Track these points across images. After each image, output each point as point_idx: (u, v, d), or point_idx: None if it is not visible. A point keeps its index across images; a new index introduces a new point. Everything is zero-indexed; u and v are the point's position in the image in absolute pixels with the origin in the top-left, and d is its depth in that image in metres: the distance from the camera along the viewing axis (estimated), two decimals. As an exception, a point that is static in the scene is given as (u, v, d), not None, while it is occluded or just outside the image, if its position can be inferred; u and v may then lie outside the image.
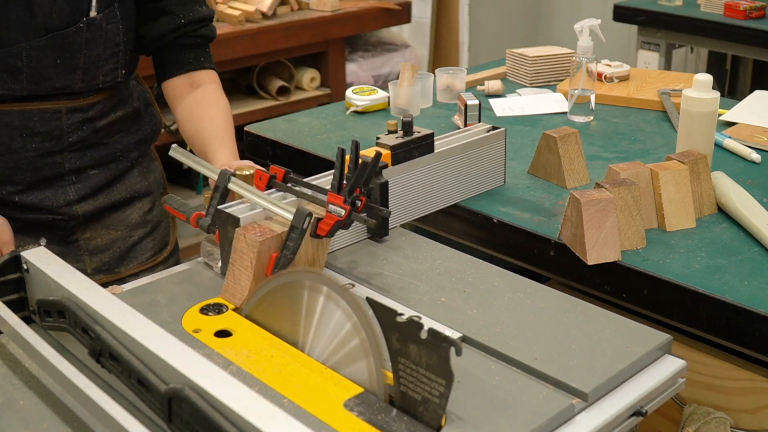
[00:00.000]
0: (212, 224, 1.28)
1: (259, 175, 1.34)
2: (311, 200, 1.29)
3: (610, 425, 1.00)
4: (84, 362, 1.06)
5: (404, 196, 1.48)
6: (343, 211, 1.22)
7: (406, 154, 1.46)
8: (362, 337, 0.99)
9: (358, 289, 1.26)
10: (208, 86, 1.63)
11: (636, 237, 1.44)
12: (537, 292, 1.24)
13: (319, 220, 1.23)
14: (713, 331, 1.32)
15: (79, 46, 1.46)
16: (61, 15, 1.43)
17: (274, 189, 1.33)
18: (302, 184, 1.33)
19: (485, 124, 1.65)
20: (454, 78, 2.21)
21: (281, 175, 1.33)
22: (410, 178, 1.48)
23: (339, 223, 1.22)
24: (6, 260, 1.16)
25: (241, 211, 1.26)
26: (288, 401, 0.97)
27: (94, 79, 1.51)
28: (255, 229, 1.21)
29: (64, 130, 1.51)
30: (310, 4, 3.53)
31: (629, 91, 2.21)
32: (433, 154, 1.51)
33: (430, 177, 1.52)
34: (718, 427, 1.34)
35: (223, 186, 1.29)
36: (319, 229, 1.22)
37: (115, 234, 1.63)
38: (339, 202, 1.23)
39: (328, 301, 1.04)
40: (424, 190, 1.51)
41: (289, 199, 1.31)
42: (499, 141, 1.63)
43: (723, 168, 1.69)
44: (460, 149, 1.56)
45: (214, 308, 1.19)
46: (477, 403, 0.98)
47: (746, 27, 3.26)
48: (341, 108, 2.21)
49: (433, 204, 1.55)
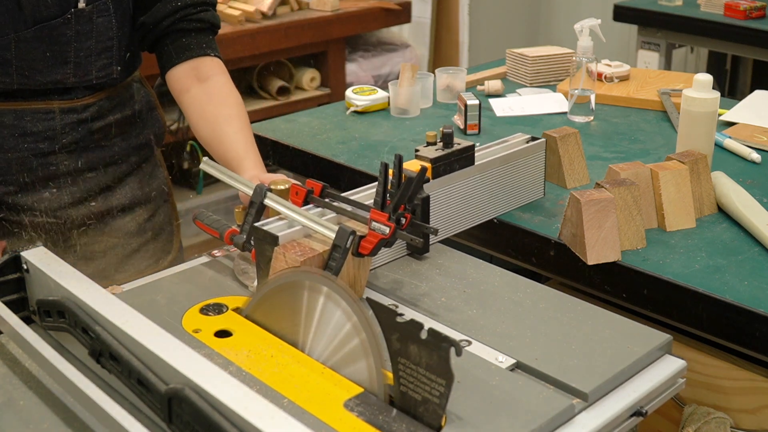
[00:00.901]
0: (248, 242, 1.23)
1: (296, 189, 1.28)
2: (351, 216, 1.23)
3: (610, 425, 1.00)
4: (84, 362, 1.06)
5: (445, 211, 1.42)
6: (387, 229, 1.16)
7: (446, 166, 1.40)
8: (362, 337, 0.99)
9: (403, 309, 1.20)
10: (217, 78, 1.55)
11: (636, 237, 1.44)
12: (537, 292, 1.24)
13: (362, 238, 1.17)
14: (713, 331, 1.32)
15: (68, 39, 1.44)
16: (49, 6, 1.41)
17: (311, 204, 1.27)
18: (341, 200, 1.27)
19: (524, 135, 1.59)
20: (454, 78, 2.21)
21: (318, 190, 1.28)
22: (451, 191, 1.42)
23: (383, 242, 1.17)
24: (6, 260, 1.16)
25: (280, 228, 1.20)
26: (288, 401, 0.97)
27: (87, 74, 1.49)
28: (295, 247, 1.16)
29: (57, 130, 1.49)
30: (310, 4, 3.53)
31: (629, 91, 2.21)
32: (474, 167, 1.45)
33: (470, 190, 1.46)
34: (718, 427, 1.34)
35: (258, 202, 1.23)
36: (362, 248, 1.17)
37: (112, 241, 1.60)
38: (383, 219, 1.17)
39: (328, 301, 1.03)
40: (464, 204, 1.46)
41: (329, 215, 1.25)
42: (539, 152, 1.58)
43: (723, 168, 1.69)
44: (500, 161, 1.50)
45: (214, 308, 1.19)
46: (477, 403, 0.98)
47: (746, 27, 3.26)
48: (341, 108, 2.21)
49: (473, 218, 1.49)
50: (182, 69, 1.55)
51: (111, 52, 1.50)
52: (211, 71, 1.56)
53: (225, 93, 1.54)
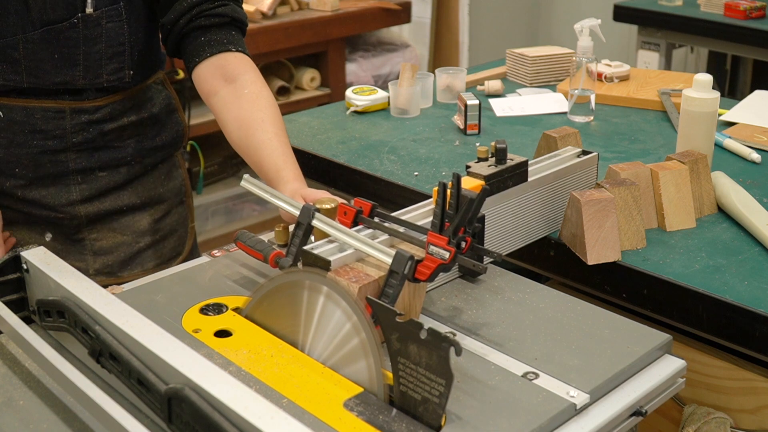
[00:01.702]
0: (294, 265, 1.16)
1: (344, 209, 1.21)
2: (405, 239, 1.16)
3: (610, 425, 1.00)
4: (84, 362, 1.06)
5: (498, 230, 1.36)
6: (447, 253, 1.07)
7: (500, 184, 1.32)
8: (362, 337, 0.99)
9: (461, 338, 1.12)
10: (246, 77, 1.48)
11: (636, 237, 1.44)
12: (537, 292, 1.24)
13: (419, 262, 1.09)
14: (713, 331, 1.32)
15: (76, 42, 1.45)
16: (56, 9, 1.42)
17: (361, 225, 1.20)
18: (392, 220, 1.20)
19: (575, 149, 1.52)
20: (454, 78, 2.21)
21: (368, 210, 1.20)
22: (504, 209, 1.35)
23: (441, 267, 1.08)
24: (6, 260, 1.16)
25: (331, 252, 1.14)
26: (288, 401, 0.97)
27: (97, 77, 1.49)
28: (348, 273, 1.09)
29: (67, 130, 1.50)
30: (310, 4, 3.53)
31: (629, 91, 2.21)
32: (527, 183, 1.38)
33: (523, 208, 1.39)
34: (718, 427, 1.34)
35: (306, 223, 1.17)
36: (419, 273, 1.08)
37: (121, 238, 1.60)
38: (442, 243, 1.08)
39: (327, 301, 1.03)
40: (517, 222, 1.39)
41: (381, 237, 1.17)
42: (591, 166, 1.51)
43: (723, 168, 1.69)
44: (553, 177, 1.43)
45: (214, 308, 1.19)
46: (477, 403, 0.98)
47: (746, 27, 3.26)
48: (341, 108, 2.21)
49: (526, 237, 1.43)
50: (206, 68, 1.49)
51: (123, 56, 1.50)
52: (239, 69, 1.49)
53: (255, 93, 1.46)
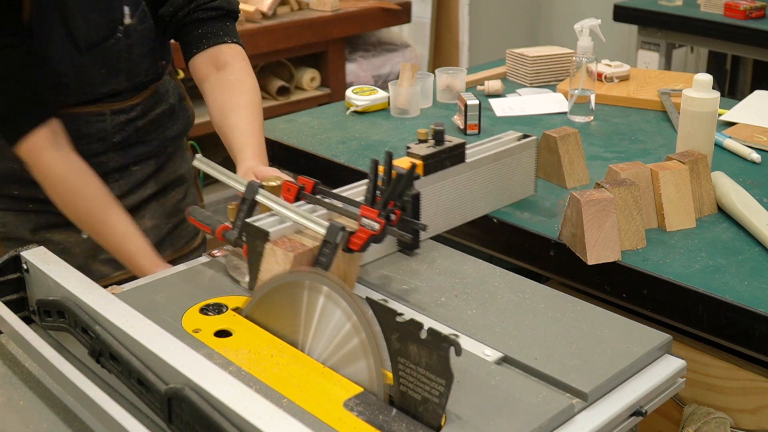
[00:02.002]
0: (239, 237, 1.23)
1: (288, 186, 1.29)
2: (342, 213, 1.24)
3: (610, 425, 1.00)
4: (84, 362, 1.06)
5: (435, 208, 1.43)
6: (377, 225, 1.17)
7: (437, 164, 1.41)
8: (362, 337, 0.99)
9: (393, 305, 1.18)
10: (234, 66, 1.55)
11: (636, 237, 1.44)
12: (537, 292, 1.24)
13: (352, 234, 1.17)
14: (713, 331, 1.32)
15: (119, 53, 1.49)
16: (98, 29, 1.45)
17: (303, 201, 1.28)
18: (332, 196, 1.28)
19: (515, 133, 1.59)
20: (454, 78, 2.21)
21: (310, 187, 1.28)
22: (442, 188, 1.43)
23: (373, 238, 1.17)
24: (6, 260, 1.16)
25: (271, 224, 1.21)
26: (288, 401, 0.97)
27: (137, 77, 1.54)
28: (285, 243, 1.17)
29: (108, 131, 1.54)
30: (310, 4, 3.53)
31: (629, 91, 2.21)
32: (465, 164, 1.46)
33: (461, 187, 1.47)
34: (718, 427, 1.34)
35: (250, 198, 1.24)
36: (352, 244, 1.17)
37: (151, 222, 1.66)
38: (373, 215, 1.18)
39: (327, 301, 1.03)
40: (455, 201, 1.47)
41: (320, 212, 1.26)
42: (530, 150, 1.58)
43: (723, 168, 1.69)
44: (492, 158, 1.51)
45: (214, 308, 1.19)
46: (477, 403, 0.98)
47: (746, 27, 3.26)
48: (341, 108, 2.21)
49: (464, 215, 1.50)
50: (202, 58, 1.56)
51: (155, 52, 1.55)
52: (230, 58, 1.56)
53: (239, 80, 1.54)
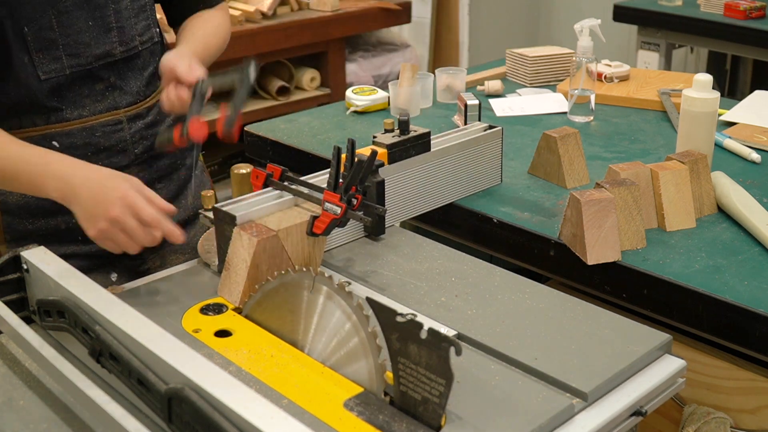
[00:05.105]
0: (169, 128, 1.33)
1: (257, 173, 1.35)
2: (308, 198, 1.30)
3: (610, 425, 1.00)
4: (84, 362, 1.06)
5: (401, 195, 1.48)
6: (339, 209, 1.23)
7: (402, 152, 1.47)
8: (362, 337, 0.99)
9: (355, 287, 1.27)
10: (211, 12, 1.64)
11: (636, 237, 1.44)
12: (537, 292, 1.24)
13: (316, 218, 1.24)
14: (713, 331, 1.32)
15: (105, 2, 1.43)
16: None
17: (270, 187, 1.34)
18: (299, 183, 1.33)
19: (482, 123, 1.65)
20: (454, 78, 2.21)
21: (278, 174, 1.34)
22: (407, 176, 1.49)
23: (335, 221, 1.23)
24: (6, 260, 1.16)
25: (239, 209, 1.27)
26: (288, 401, 0.97)
27: (131, 40, 1.48)
28: (252, 228, 1.22)
29: (128, 141, 1.49)
30: (310, 4, 3.53)
31: (629, 91, 2.21)
32: (430, 153, 1.52)
33: (426, 175, 1.52)
34: (718, 427, 1.34)
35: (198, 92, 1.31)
36: (316, 227, 1.24)
37: (183, 257, 1.55)
38: (335, 200, 1.24)
39: (328, 301, 1.04)
40: (420, 188, 1.52)
41: (286, 197, 1.32)
42: (495, 140, 1.63)
43: (723, 168, 1.69)
44: (457, 148, 1.56)
45: (214, 308, 1.19)
46: (477, 403, 0.98)
47: (746, 27, 3.26)
48: (341, 108, 2.21)
49: (430, 202, 1.56)
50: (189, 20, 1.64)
51: (147, 12, 1.52)
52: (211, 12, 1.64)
53: (211, 15, 1.62)
